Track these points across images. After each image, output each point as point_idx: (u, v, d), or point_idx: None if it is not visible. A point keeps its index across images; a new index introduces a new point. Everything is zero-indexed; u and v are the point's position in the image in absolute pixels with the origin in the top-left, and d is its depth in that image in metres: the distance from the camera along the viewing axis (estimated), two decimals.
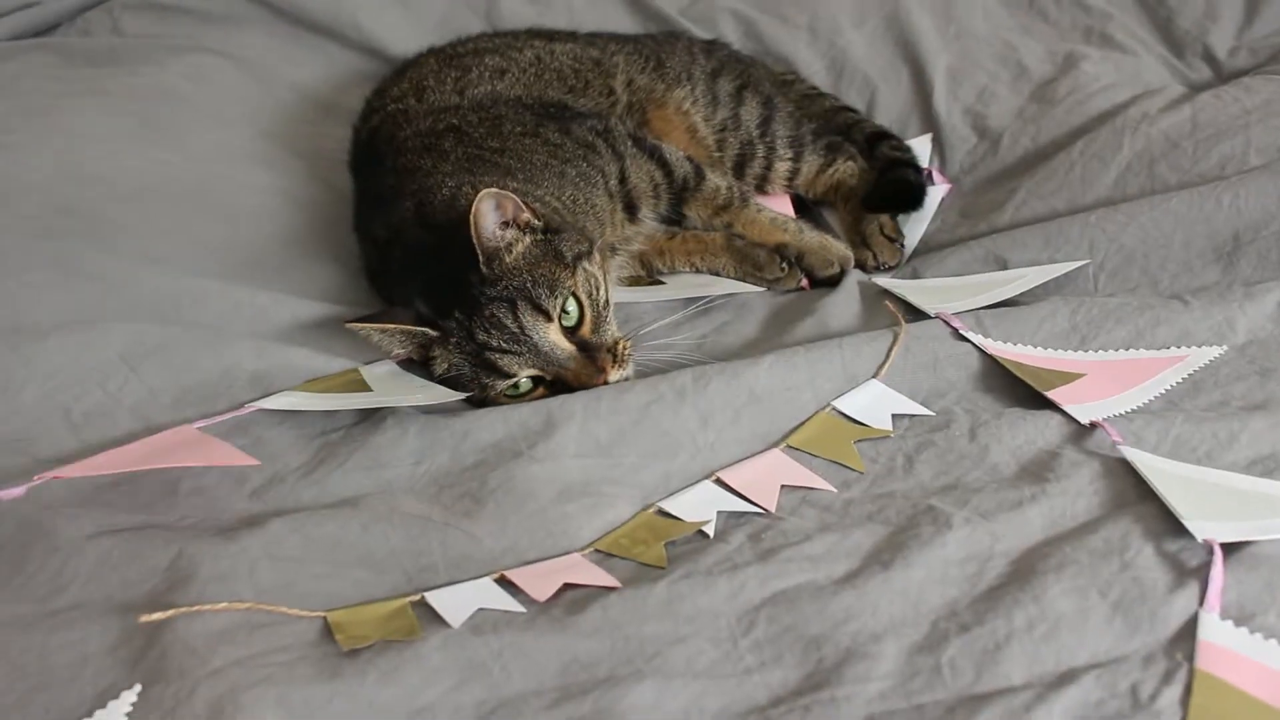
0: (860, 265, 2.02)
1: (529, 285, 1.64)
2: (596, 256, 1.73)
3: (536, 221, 1.69)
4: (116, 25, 2.62)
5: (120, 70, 2.40)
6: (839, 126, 2.27)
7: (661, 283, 2.01)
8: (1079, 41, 2.44)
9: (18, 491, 1.44)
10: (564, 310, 1.66)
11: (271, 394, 1.63)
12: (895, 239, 2.07)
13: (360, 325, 1.67)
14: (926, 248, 2.06)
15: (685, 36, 2.40)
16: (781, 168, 2.17)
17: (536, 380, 1.67)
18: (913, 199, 2.12)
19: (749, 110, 2.17)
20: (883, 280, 1.92)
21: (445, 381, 1.68)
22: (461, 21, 2.55)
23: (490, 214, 1.63)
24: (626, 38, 2.33)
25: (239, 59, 2.44)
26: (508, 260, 1.65)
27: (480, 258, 1.62)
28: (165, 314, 1.76)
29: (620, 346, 1.69)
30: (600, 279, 1.72)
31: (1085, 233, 1.90)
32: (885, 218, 2.09)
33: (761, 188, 2.16)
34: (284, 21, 2.60)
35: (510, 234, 1.66)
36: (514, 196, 1.66)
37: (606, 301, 1.72)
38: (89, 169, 2.04)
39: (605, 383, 1.65)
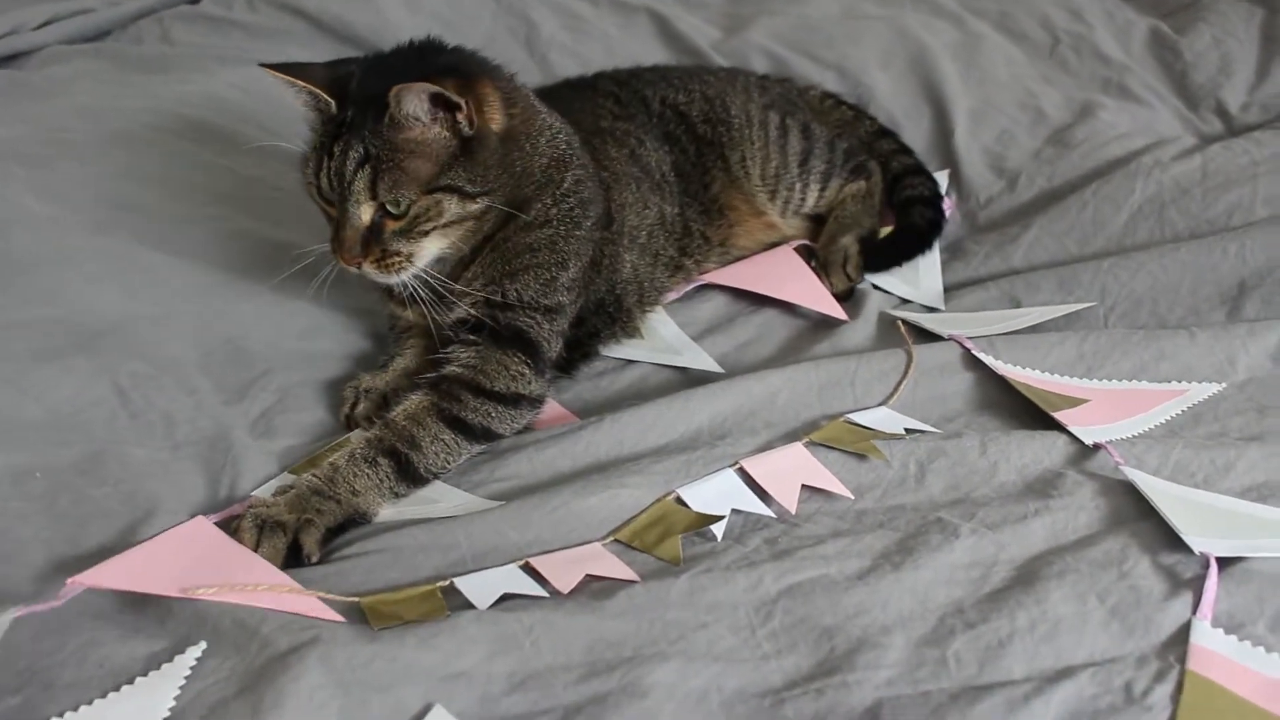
0: None
1: (386, 168, 1.60)
2: (474, 206, 1.67)
3: (468, 130, 1.63)
4: (167, 34, 2.69)
5: (170, 78, 2.46)
6: (875, 154, 2.30)
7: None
8: (1097, 91, 2.52)
9: (46, 606, 1.31)
10: (392, 202, 1.61)
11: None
12: (852, 277, 2.06)
13: (275, 72, 1.65)
14: (944, 286, 2.08)
15: (742, 75, 2.35)
16: (810, 198, 2.19)
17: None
18: (918, 245, 2.15)
19: (791, 146, 2.18)
20: (901, 313, 1.96)
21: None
22: (503, 45, 2.62)
23: (420, 101, 1.59)
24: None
25: None
26: (401, 134, 1.61)
27: (386, 117, 1.60)
28: (206, 315, 1.83)
29: (393, 260, 1.64)
30: (447, 219, 1.65)
31: (1097, 278, 1.97)
32: (854, 251, 2.09)
33: (784, 213, 2.18)
34: (329, 38, 2.67)
35: (435, 125, 1.62)
36: (471, 100, 1.62)
37: (429, 233, 1.65)
38: (144, 169, 2.10)
39: (352, 265, 1.64)
